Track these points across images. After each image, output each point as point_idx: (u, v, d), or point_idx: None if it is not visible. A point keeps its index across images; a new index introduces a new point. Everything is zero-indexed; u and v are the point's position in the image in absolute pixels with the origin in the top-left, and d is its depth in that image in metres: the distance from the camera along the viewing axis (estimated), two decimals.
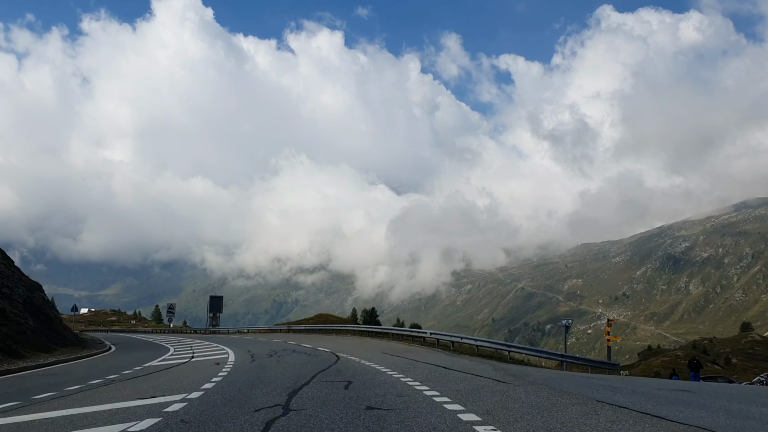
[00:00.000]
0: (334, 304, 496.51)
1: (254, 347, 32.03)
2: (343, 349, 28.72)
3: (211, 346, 36.89)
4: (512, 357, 31.65)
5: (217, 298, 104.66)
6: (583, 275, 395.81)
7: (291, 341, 39.42)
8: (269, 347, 31.36)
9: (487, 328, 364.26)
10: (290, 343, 36.01)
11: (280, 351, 26.87)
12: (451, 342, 35.70)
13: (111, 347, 39.10)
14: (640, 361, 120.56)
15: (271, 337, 53.74)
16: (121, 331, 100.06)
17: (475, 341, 34.78)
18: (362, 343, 37.05)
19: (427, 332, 40.18)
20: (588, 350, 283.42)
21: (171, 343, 42.96)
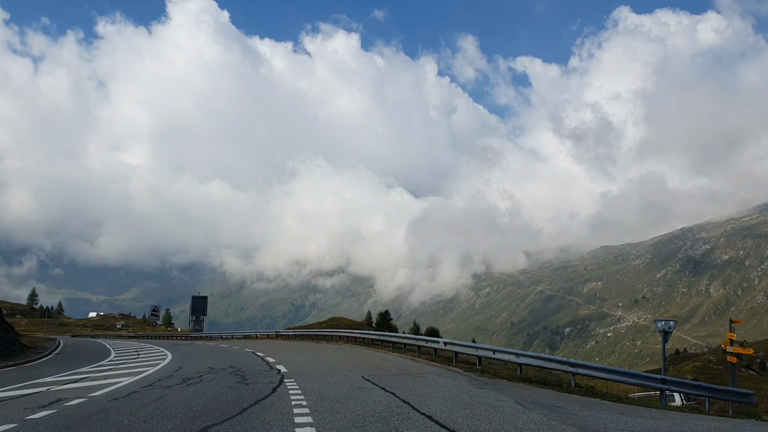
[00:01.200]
0: (352, 308, 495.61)
1: (195, 361, 25.83)
2: (311, 367, 21.05)
3: (152, 356, 31.47)
4: (578, 383, 20.77)
5: (200, 298, 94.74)
6: (602, 278, 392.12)
7: (259, 352, 30.96)
8: (216, 361, 24.93)
9: (506, 331, 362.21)
10: (253, 355, 28.51)
11: (218, 369, 20.49)
12: (478, 358, 24.62)
13: (48, 356, 36.77)
14: (668, 365, 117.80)
15: (249, 344, 45.03)
16: (112, 336, 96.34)
17: (517, 357, 22.71)
18: (348, 356, 27.91)
19: (440, 341, 27.69)
20: (608, 354, 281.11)
21: (123, 351, 39.54)
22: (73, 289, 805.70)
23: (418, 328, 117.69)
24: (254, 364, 22.89)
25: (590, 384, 22.68)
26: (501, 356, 23.30)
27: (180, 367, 22.15)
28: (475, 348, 25.18)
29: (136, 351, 38.71)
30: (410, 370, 21.31)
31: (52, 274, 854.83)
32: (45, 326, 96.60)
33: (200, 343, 53.48)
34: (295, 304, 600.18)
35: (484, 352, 24.45)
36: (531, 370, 22.85)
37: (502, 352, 23.40)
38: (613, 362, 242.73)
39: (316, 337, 51.11)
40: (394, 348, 34.67)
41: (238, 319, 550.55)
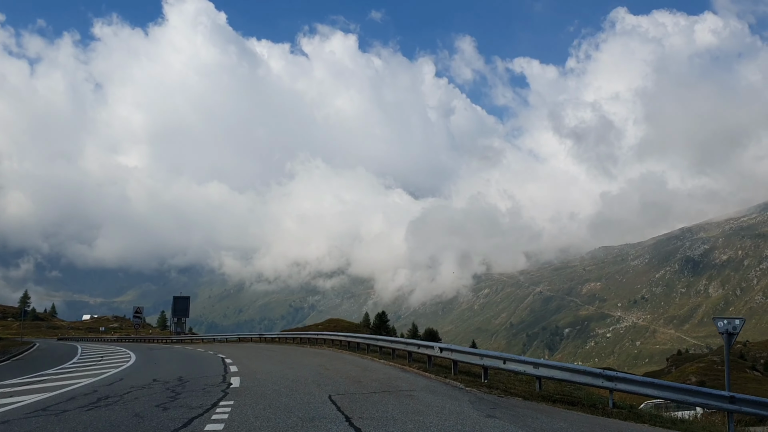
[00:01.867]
0: (351, 309, 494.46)
1: (147, 370, 23.63)
2: (273, 379, 18.33)
3: (109, 363, 29.59)
4: (616, 401, 16.44)
5: (182, 299, 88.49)
6: (601, 278, 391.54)
7: (228, 359, 27.99)
8: (168, 371, 22.47)
9: (505, 332, 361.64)
10: (217, 363, 25.82)
11: (161, 381, 18.39)
12: (484, 369, 19.84)
13: (5, 362, 35.64)
14: (670, 366, 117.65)
15: (227, 349, 41.96)
16: (94, 339, 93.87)
17: (536, 368, 17.93)
18: (326, 364, 24.49)
19: (435, 346, 23.00)
20: (607, 354, 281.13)
21: (88, 357, 37.63)
22: (70, 291, 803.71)
23: (416, 329, 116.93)
24: (208, 374, 20.39)
25: (629, 400, 19.65)
26: (513, 366, 18.54)
27: (121, 379, 20.15)
28: (480, 356, 19.96)
29: (101, 356, 37.07)
30: (396, 384, 17.49)
31: (49, 277, 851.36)
32: (21, 329, 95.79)
33: (178, 347, 51.28)
34: (293, 305, 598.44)
35: (491, 361, 19.37)
36: (551, 383, 19.02)
37: (516, 362, 18.57)
38: (612, 363, 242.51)
39: (301, 340, 48.46)
40: (382, 353, 29.85)
41: (236, 321, 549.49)
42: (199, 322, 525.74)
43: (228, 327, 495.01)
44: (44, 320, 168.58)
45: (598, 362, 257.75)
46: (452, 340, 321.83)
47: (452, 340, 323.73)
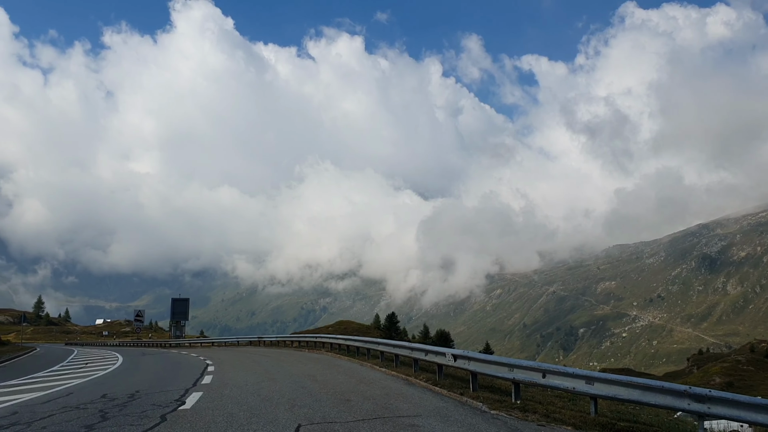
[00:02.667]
0: (363, 311, 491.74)
1: (113, 381, 21.12)
2: (238, 397, 15.07)
3: (89, 369, 28.25)
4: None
5: (181, 301, 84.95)
6: (616, 277, 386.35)
7: (212, 366, 25.72)
8: (130, 383, 19.51)
9: (519, 333, 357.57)
10: (192, 372, 23.12)
11: (110, 396, 15.67)
12: (514, 384, 14.78)
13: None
14: (691, 366, 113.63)
15: (219, 354, 39.94)
16: (99, 344, 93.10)
17: (589, 383, 12.98)
18: (315, 374, 21.18)
19: (448, 353, 17.85)
20: (623, 354, 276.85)
21: (76, 362, 36.16)
22: (87, 296, 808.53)
23: (427, 331, 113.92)
24: (169, 388, 17.40)
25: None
26: (557, 381, 13.65)
27: (70, 393, 17.33)
28: (509, 367, 14.90)
29: (86, 362, 34.97)
30: (394, 406, 13.57)
31: (66, 282, 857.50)
32: (21, 334, 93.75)
33: (174, 352, 48.70)
34: (305, 308, 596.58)
35: (525, 373, 14.45)
36: (607, 404, 14.85)
37: (560, 375, 13.65)
38: (629, 363, 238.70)
39: (300, 344, 46.01)
40: (385, 360, 25.50)
41: (249, 324, 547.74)
42: (212, 325, 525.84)
43: (241, 330, 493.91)
44: (57, 325, 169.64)
45: (614, 362, 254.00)
46: (464, 342, 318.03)
47: (465, 341, 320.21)
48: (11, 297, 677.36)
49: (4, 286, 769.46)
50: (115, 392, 16.97)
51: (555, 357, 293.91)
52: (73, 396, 16.58)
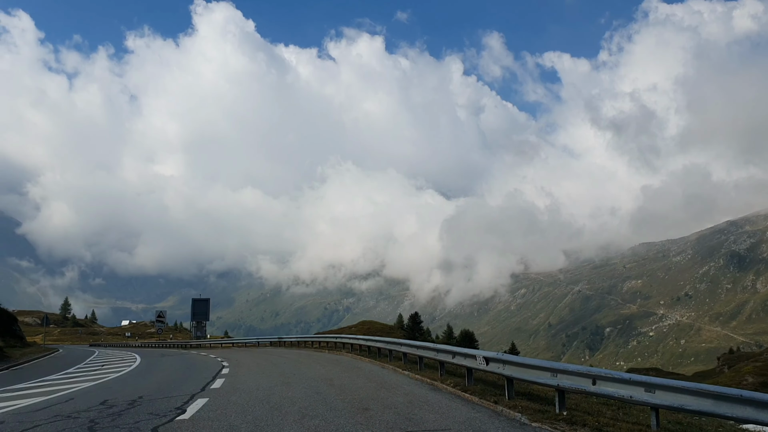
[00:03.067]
0: (386, 311, 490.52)
1: (121, 385, 20.06)
2: (243, 406, 13.67)
3: (104, 371, 27.64)
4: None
5: (201, 302, 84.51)
6: (642, 276, 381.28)
7: (226, 369, 24.38)
8: (135, 389, 18.22)
9: (544, 333, 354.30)
10: (202, 375, 21.77)
11: (110, 403, 14.61)
12: (558, 391, 12.83)
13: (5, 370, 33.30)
14: (722, 366, 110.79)
15: (237, 355, 39.53)
16: (121, 345, 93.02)
17: (649, 390, 10.91)
18: (333, 378, 19.71)
19: (478, 355, 15.98)
20: (650, 354, 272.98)
21: (93, 363, 35.48)
22: (113, 298, 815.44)
23: (451, 331, 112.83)
24: (174, 394, 16.22)
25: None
26: (609, 388, 11.60)
27: (72, 398, 16.24)
28: (552, 372, 12.94)
29: (102, 364, 34.25)
30: (419, 417, 12.01)
31: (92, 284, 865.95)
32: (44, 335, 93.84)
33: (194, 353, 48.03)
34: (329, 308, 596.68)
35: (571, 379, 12.46)
36: (663, 413, 11.97)
37: (614, 382, 11.58)
38: (656, 362, 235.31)
39: (317, 344, 44.99)
40: (408, 362, 23.83)
41: (273, 325, 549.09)
42: (237, 326, 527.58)
43: (265, 330, 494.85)
44: (84, 326, 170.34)
45: (641, 362, 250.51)
46: (489, 342, 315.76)
47: (489, 341, 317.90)
48: (40, 299, 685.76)
49: (32, 288, 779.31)
50: (117, 398, 15.95)
51: (581, 357, 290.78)
52: (72, 402, 15.53)
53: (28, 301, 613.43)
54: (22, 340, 66.55)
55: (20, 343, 63.29)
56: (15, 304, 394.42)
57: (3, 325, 64.80)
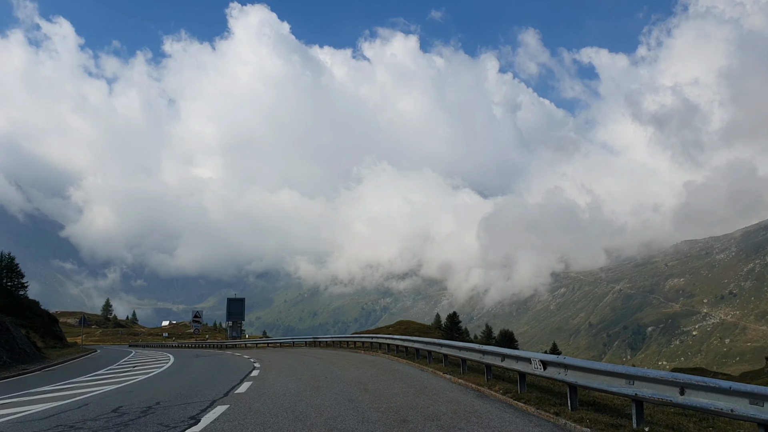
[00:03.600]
0: (424, 310, 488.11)
1: (142, 389, 18.51)
2: (275, 408, 13.09)
3: (135, 371, 27.50)
4: None
5: (236, 301, 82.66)
6: (685, 274, 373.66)
7: (255, 371, 23.12)
8: (154, 392, 16.88)
9: (584, 332, 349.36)
10: (229, 377, 20.80)
11: (123, 411, 13.38)
12: (635, 402, 10.81)
13: (38, 371, 32.91)
14: None
15: (270, 355, 39.07)
16: (158, 345, 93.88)
17: (756, 401, 8.59)
18: (367, 381, 18.25)
19: (534, 359, 13.88)
20: (693, 353, 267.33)
21: (126, 364, 35.38)
22: (155, 299, 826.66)
23: (490, 331, 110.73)
24: (193, 400, 14.85)
25: None
26: (701, 399, 9.43)
27: (86, 404, 15.00)
28: (628, 379, 10.84)
29: (134, 365, 33.58)
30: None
31: (134, 286, 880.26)
32: (82, 336, 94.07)
33: (228, 353, 47.39)
34: (366, 308, 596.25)
35: (653, 388, 10.30)
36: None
37: (709, 391, 9.33)
38: (700, 362, 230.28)
39: (356, 344, 43.78)
40: (449, 364, 21.94)
41: (311, 325, 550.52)
42: (275, 326, 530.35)
43: (303, 330, 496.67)
44: (125, 327, 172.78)
45: (684, 361, 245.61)
46: (528, 342, 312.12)
47: (528, 341, 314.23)
48: (83, 300, 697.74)
49: (76, 290, 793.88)
50: (133, 404, 14.81)
51: (622, 356, 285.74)
52: (84, 409, 14.21)
53: (72, 302, 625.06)
54: (62, 341, 67.24)
55: (60, 343, 64.25)
56: (60, 305, 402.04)
57: (44, 326, 65.14)
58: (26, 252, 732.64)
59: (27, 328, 54.23)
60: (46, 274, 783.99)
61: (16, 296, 66.86)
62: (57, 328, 71.91)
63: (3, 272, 71.62)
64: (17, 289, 72.88)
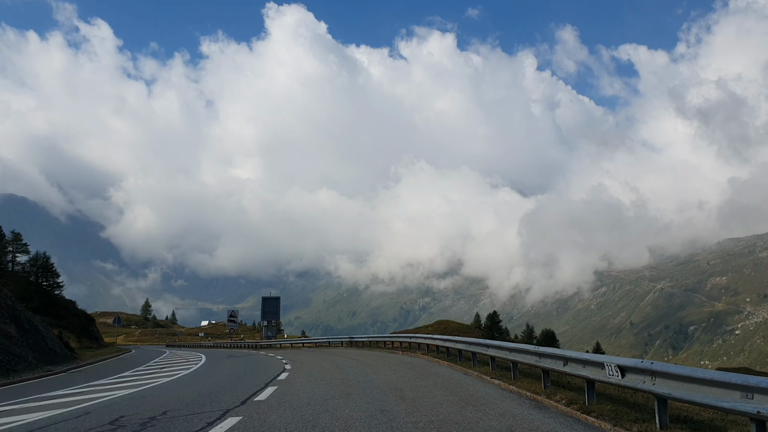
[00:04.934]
0: (463, 310, 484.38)
1: (160, 392, 17.28)
2: (294, 420, 11.25)
3: (166, 372, 26.69)
4: None
5: (271, 300, 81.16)
6: (727, 272, 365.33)
7: (284, 374, 21.63)
8: (167, 399, 15.27)
9: (626, 332, 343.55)
10: (264, 379, 19.73)
11: (124, 421, 11.85)
12: (757, 421, 7.86)
13: (72, 370, 32.49)
14: None
15: (301, 356, 37.69)
16: (194, 345, 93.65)
17: None
18: (404, 387, 16.23)
19: (608, 364, 11.08)
20: (736, 352, 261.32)
21: (158, 364, 34.81)
22: (195, 299, 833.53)
23: (531, 330, 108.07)
24: (204, 409, 12.94)
25: None
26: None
27: (88, 412, 13.30)
28: (744, 391, 8.06)
29: (162, 367, 32.56)
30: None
31: (175, 286, 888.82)
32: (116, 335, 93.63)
33: (262, 354, 45.98)
34: (405, 308, 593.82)
35: None
36: None
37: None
38: (743, 362, 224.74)
39: (393, 345, 42.13)
40: (497, 368, 19.51)
41: (350, 325, 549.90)
42: (315, 325, 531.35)
43: (342, 330, 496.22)
44: (164, 327, 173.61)
45: (726, 361, 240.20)
46: (569, 342, 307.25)
47: (569, 341, 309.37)
48: (124, 301, 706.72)
49: (117, 290, 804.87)
50: (137, 413, 13.01)
51: (664, 356, 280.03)
52: (82, 419, 12.64)
53: (114, 302, 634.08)
54: (98, 341, 67.21)
55: (96, 344, 64.31)
56: (101, 305, 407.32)
57: (80, 326, 64.70)
58: (68, 253, 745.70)
59: (61, 328, 53.90)
60: (89, 275, 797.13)
61: (52, 296, 66.53)
62: (93, 329, 71.49)
63: (39, 272, 71.19)
64: (53, 289, 72.41)
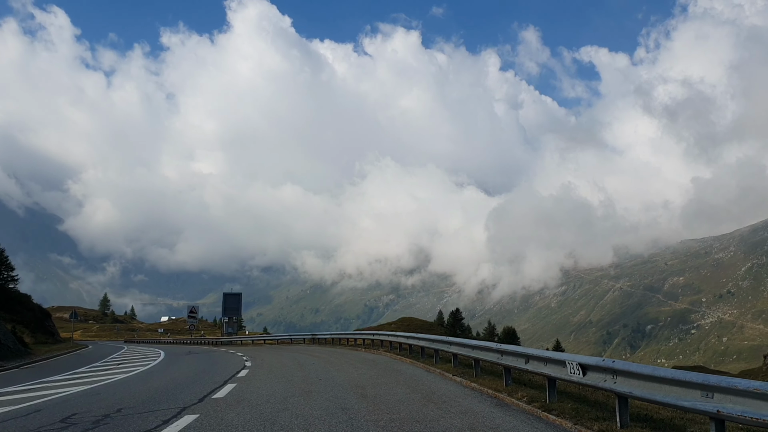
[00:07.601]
0: (426, 308, 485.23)
1: (114, 390, 16.58)
2: (251, 420, 10.88)
3: (119, 369, 26.14)
4: None
5: (233, 296, 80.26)
6: (685, 272, 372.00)
7: (244, 371, 21.56)
8: (121, 396, 14.76)
9: (585, 330, 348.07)
10: (223, 376, 19.31)
11: (77, 418, 11.67)
12: (716, 420, 8.12)
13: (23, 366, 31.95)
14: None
15: (263, 353, 37.22)
16: (153, 341, 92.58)
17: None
18: (366, 384, 16.59)
19: (570, 362, 11.26)
20: (692, 351, 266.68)
21: (114, 360, 34.27)
22: (155, 294, 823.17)
23: (493, 328, 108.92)
24: (160, 408, 12.63)
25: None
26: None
27: (39, 410, 12.96)
28: (705, 390, 8.15)
29: (119, 363, 31.94)
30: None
31: (134, 281, 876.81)
32: (72, 330, 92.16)
33: (222, 350, 45.83)
34: (368, 305, 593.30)
35: (737, 404, 7.68)
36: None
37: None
38: (698, 360, 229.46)
39: (356, 342, 41.97)
40: (459, 365, 19.82)
41: (313, 322, 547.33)
42: (277, 323, 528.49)
43: (305, 327, 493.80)
44: (123, 322, 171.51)
45: (682, 359, 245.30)
46: (529, 339, 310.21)
47: (530, 339, 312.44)
48: (82, 295, 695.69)
49: (75, 284, 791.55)
50: (90, 411, 12.64)
51: (622, 354, 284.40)
52: (32, 417, 12.27)
53: (71, 297, 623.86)
54: (54, 336, 66.09)
55: (51, 339, 63.24)
56: (59, 300, 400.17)
57: (35, 321, 63.46)
58: (24, 245, 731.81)
59: (15, 322, 52.65)
60: (45, 269, 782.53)
61: (6, 290, 64.93)
62: (49, 323, 70.18)
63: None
64: (7, 283, 70.62)
